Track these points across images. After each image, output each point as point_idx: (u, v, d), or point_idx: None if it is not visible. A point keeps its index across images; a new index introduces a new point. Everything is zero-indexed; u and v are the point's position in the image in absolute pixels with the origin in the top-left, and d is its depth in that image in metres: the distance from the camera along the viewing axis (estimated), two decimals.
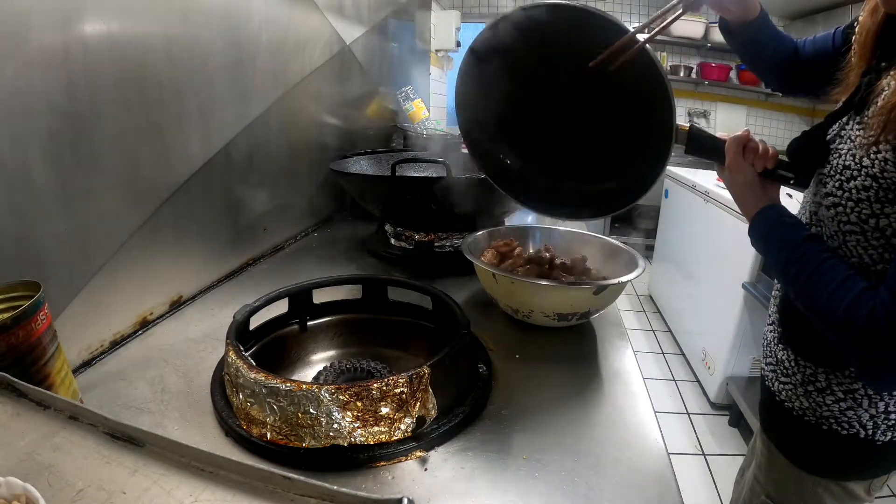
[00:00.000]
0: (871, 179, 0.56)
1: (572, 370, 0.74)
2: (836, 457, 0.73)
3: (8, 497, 0.33)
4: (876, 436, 0.69)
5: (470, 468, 0.54)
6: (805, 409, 0.72)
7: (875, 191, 0.56)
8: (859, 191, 0.58)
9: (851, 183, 0.59)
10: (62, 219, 0.63)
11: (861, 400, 0.67)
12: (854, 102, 0.63)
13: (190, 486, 0.36)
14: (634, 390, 0.70)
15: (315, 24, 1.29)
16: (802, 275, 0.60)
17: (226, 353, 0.60)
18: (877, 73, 0.60)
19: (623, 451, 0.57)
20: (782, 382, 0.75)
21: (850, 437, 0.70)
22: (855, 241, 0.60)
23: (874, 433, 0.69)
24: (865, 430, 0.69)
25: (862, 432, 0.69)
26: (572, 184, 0.87)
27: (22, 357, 0.50)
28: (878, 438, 0.69)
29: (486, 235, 1.01)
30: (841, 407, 0.68)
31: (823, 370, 0.69)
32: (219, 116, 0.92)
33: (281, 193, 1.21)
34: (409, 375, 0.54)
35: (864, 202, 0.57)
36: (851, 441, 0.70)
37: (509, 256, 0.96)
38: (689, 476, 1.85)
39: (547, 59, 0.80)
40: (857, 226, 0.59)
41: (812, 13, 3.65)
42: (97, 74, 0.65)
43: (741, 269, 2.00)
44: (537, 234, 1.05)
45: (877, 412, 0.68)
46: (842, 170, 0.61)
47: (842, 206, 0.60)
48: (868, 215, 0.57)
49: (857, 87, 0.63)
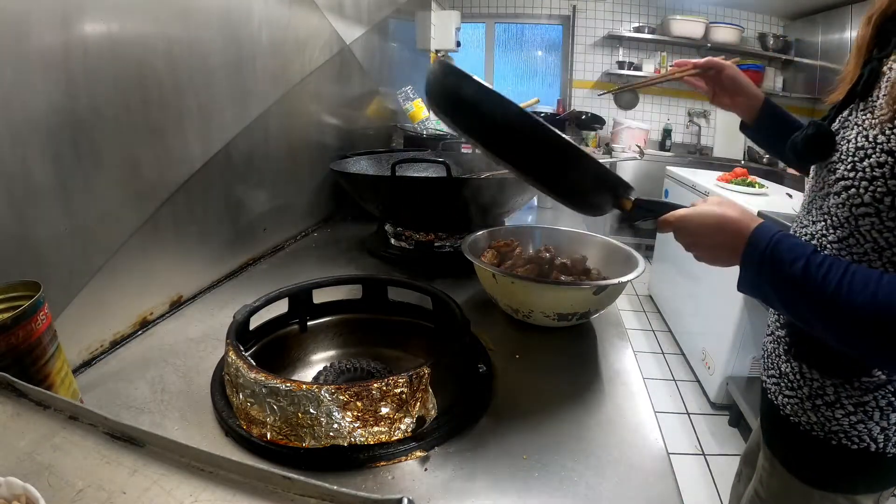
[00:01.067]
0: (886, 155, 0.55)
1: (572, 370, 0.74)
2: (845, 471, 0.71)
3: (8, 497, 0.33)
4: (887, 448, 0.67)
5: (470, 468, 0.54)
6: (813, 423, 0.70)
7: (891, 166, 0.55)
8: (873, 168, 0.57)
9: (865, 162, 0.58)
10: (62, 219, 0.63)
11: (872, 412, 0.65)
12: (857, 91, 0.63)
13: (190, 486, 0.36)
14: (634, 390, 0.70)
15: (315, 24, 1.29)
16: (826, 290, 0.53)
17: (226, 353, 0.60)
18: (878, 61, 0.61)
19: (623, 451, 0.57)
20: (787, 396, 0.73)
21: (860, 451, 0.67)
22: (869, 224, 0.59)
23: (885, 446, 0.67)
24: (876, 444, 0.67)
25: (873, 446, 0.67)
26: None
27: (22, 357, 0.50)
28: (889, 451, 0.67)
29: (486, 235, 1.00)
30: (851, 421, 0.66)
31: (832, 383, 0.67)
32: (219, 116, 0.92)
33: (281, 193, 1.21)
34: (409, 375, 0.54)
35: (879, 179, 0.56)
36: (862, 455, 0.68)
37: (509, 256, 0.96)
38: (689, 476, 1.84)
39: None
40: (872, 206, 0.58)
41: (812, 13, 3.65)
42: (97, 74, 0.65)
43: None
44: (537, 234, 1.05)
45: (888, 424, 0.66)
46: (854, 151, 0.60)
47: (854, 188, 0.59)
48: (883, 193, 0.56)
49: (858, 77, 0.63)
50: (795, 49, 3.86)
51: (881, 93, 0.59)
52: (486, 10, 4.42)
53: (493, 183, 1.13)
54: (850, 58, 0.68)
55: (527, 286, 0.80)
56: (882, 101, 0.58)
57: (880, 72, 0.60)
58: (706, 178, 2.72)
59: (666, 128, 4.33)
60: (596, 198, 0.68)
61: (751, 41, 4.08)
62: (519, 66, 4.67)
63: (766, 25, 4.07)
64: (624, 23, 4.24)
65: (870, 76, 0.61)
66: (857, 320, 0.51)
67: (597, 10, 4.27)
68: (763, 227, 0.58)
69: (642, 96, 4.43)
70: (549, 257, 0.94)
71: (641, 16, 4.22)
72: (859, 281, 0.51)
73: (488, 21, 4.50)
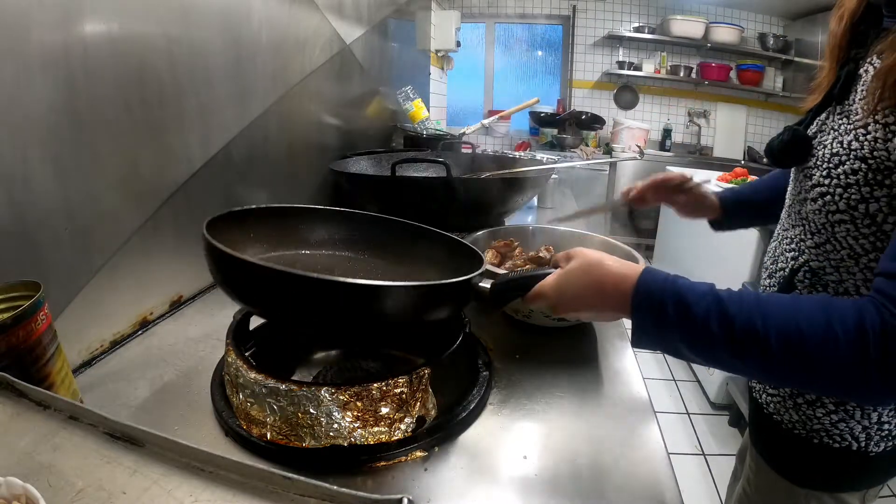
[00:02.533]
0: (860, 162, 0.55)
1: (572, 370, 0.74)
2: (829, 470, 0.71)
3: (8, 497, 0.33)
4: (869, 447, 0.66)
5: (470, 468, 0.54)
6: (795, 422, 0.70)
7: (864, 173, 0.54)
8: (847, 175, 0.56)
9: (839, 168, 0.57)
10: (62, 219, 0.63)
11: (853, 412, 0.65)
12: (834, 94, 0.62)
13: (190, 486, 0.36)
14: (634, 390, 0.70)
15: (315, 24, 1.29)
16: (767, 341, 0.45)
17: (226, 353, 0.60)
18: (854, 63, 0.60)
19: (623, 451, 0.57)
20: (770, 395, 0.73)
21: (842, 450, 0.67)
22: (844, 230, 0.58)
23: (867, 445, 0.66)
24: (858, 443, 0.66)
25: (854, 444, 0.67)
26: None
27: (22, 357, 0.50)
28: (871, 450, 0.66)
29: (486, 235, 1.00)
30: (832, 420, 0.66)
31: None
32: (219, 116, 0.92)
33: (281, 193, 1.21)
34: (409, 375, 0.54)
35: (853, 186, 0.55)
36: (844, 454, 0.67)
37: (510, 256, 0.96)
38: (689, 476, 1.85)
39: None
40: (847, 213, 0.57)
41: (812, 13, 3.65)
42: (97, 74, 0.65)
43: (741, 269, 2.00)
44: (537, 234, 1.05)
45: (870, 423, 0.65)
46: (829, 157, 0.59)
47: (829, 195, 0.58)
48: (857, 200, 0.55)
49: (835, 79, 0.63)
50: (795, 49, 3.86)
51: (857, 97, 0.58)
52: (486, 10, 4.41)
53: (493, 183, 1.13)
54: (824, 62, 0.67)
55: None
56: (857, 107, 0.57)
57: (856, 74, 0.59)
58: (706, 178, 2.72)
59: (666, 128, 4.33)
60: (429, 313, 0.56)
61: (751, 41, 4.08)
62: (519, 66, 4.67)
63: (766, 25, 4.07)
64: (624, 23, 4.24)
65: (846, 79, 0.60)
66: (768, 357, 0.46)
67: (597, 10, 4.27)
68: (649, 270, 0.53)
69: (642, 96, 4.43)
70: (548, 257, 0.94)
71: (641, 16, 4.21)
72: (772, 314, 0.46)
73: (488, 21, 4.50)
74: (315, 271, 0.65)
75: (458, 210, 1.09)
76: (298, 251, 0.75)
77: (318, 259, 0.74)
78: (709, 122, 4.35)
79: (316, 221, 0.77)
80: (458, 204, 1.06)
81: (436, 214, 1.14)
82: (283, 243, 0.74)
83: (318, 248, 0.77)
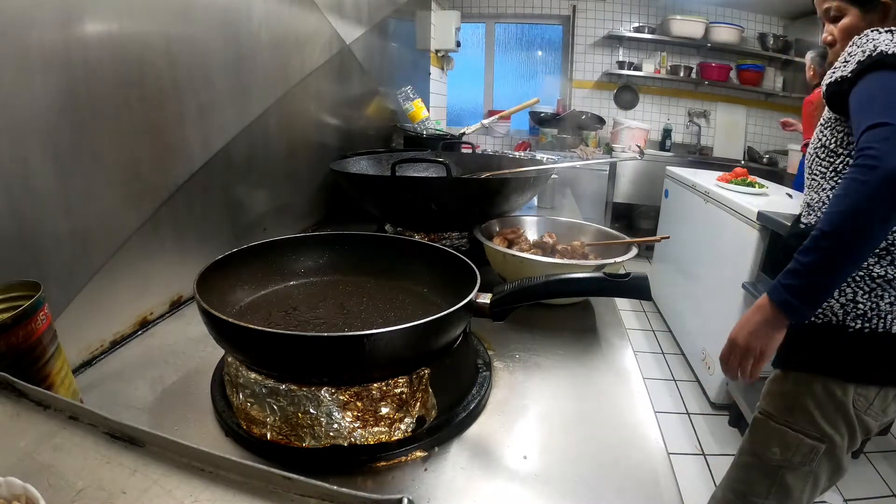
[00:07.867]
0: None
1: (572, 370, 0.74)
2: (812, 347, 0.85)
3: (8, 497, 0.33)
4: (846, 321, 0.82)
5: (470, 468, 0.54)
6: None
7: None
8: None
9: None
10: (62, 219, 0.63)
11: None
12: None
13: (190, 486, 0.36)
14: (634, 390, 0.70)
15: (315, 24, 1.29)
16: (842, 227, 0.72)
17: (226, 353, 0.60)
18: None
19: (623, 451, 0.57)
20: None
21: (824, 325, 0.83)
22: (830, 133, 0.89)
23: (844, 319, 0.82)
24: (836, 318, 0.83)
25: (834, 319, 0.83)
26: None
27: (22, 357, 0.50)
28: (848, 324, 0.81)
29: (495, 223, 1.11)
30: None
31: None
32: (219, 116, 0.92)
33: (280, 193, 1.21)
34: (409, 375, 0.54)
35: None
36: (825, 329, 0.84)
37: (516, 242, 1.05)
38: (689, 476, 1.85)
39: None
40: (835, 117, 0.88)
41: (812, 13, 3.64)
42: (97, 74, 0.65)
43: (741, 269, 2.00)
44: (541, 224, 1.16)
45: (846, 300, 0.82)
46: None
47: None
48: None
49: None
50: (795, 49, 3.86)
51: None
52: (486, 10, 4.42)
53: (493, 183, 1.14)
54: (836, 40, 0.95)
55: (533, 264, 0.88)
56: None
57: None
58: (706, 178, 2.72)
59: (666, 128, 4.33)
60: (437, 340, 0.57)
61: (751, 41, 4.08)
62: (519, 66, 4.67)
63: (766, 25, 4.07)
64: (624, 23, 4.24)
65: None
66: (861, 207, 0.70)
67: (597, 10, 4.27)
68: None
69: (642, 96, 4.44)
70: (551, 243, 1.05)
71: (641, 16, 4.22)
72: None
73: (488, 21, 4.51)
74: (309, 305, 0.70)
75: (457, 210, 1.09)
76: (287, 283, 0.76)
77: (310, 290, 0.75)
78: (709, 122, 4.35)
79: (300, 250, 0.79)
80: (458, 204, 1.06)
81: (436, 214, 1.14)
82: (272, 280, 0.75)
83: (307, 277, 0.78)
